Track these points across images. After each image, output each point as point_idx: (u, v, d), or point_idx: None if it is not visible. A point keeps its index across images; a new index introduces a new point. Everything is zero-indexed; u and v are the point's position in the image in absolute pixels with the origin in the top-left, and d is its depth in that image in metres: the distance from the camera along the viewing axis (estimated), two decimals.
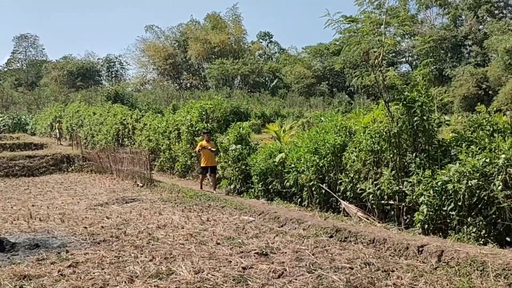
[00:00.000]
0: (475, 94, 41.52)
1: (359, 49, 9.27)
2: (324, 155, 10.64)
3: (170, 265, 6.59)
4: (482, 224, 7.06)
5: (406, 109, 8.81)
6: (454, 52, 54.09)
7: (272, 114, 40.41)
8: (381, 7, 9.17)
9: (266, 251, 7.20)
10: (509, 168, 6.77)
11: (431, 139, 8.87)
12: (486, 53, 49.55)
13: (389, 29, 11.25)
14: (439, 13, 61.64)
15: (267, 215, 9.94)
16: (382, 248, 7.21)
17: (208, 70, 69.19)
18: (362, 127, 10.01)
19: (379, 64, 9.21)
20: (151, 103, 43.56)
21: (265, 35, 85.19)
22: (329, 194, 10.54)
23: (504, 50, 36.08)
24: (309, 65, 68.64)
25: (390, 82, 9.53)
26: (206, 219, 9.99)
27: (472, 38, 53.17)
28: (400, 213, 8.81)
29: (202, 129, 15.90)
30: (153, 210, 11.33)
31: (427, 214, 7.82)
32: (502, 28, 44.21)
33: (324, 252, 7.11)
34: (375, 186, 9.19)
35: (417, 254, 6.67)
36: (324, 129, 11.38)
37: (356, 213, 9.50)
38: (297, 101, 56.79)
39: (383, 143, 9.22)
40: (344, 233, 7.99)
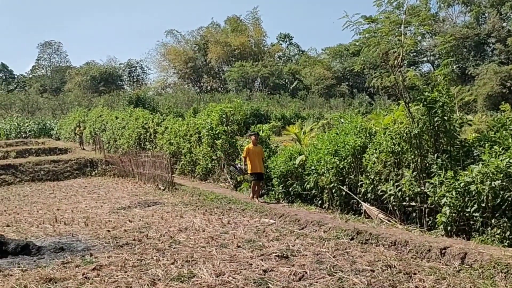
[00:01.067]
0: (499, 93, 40.79)
1: (378, 50, 9.22)
2: (344, 156, 10.59)
3: (191, 268, 6.65)
4: (507, 226, 6.95)
5: (426, 110, 8.71)
6: (477, 51, 53.25)
7: (292, 116, 40.38)
8: (400, 6, 9.09)
9: (287, 253, 7.21)
10: None
11: (453, 139, 8.75)
12: (510, 51, 48.60)
13: (410, 29, 11.14)
14: (461, 11, 60.92)
15: (287, 218, 9.94)
16: (404, 250, 7.15)
17: (228, 73, 69.47)
18: (382, 128, 9.93)
19: (398, 64, 9.13)
20: (172, 106, 43.92)
21: (285, 37, 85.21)
22: (349, 196, 10.48)
23: None
24: (328, 66, 68.43)
25: (410, 83, 9.45)
26: (227, 222, 10.04)
27: (496, 35, 52.27)
28: (422, 214, 8.71)
29: (250, 133, 13.94)
30: (174, 213, 11.44)
31: (449, 216, 7.72)
32: None
33: (345, 255, 7.08)
34: (396, 188, 9.11)
35: (440, 257, 6.60)
36: (344, 131, 11.33)
37: (377, 215, 9.43)
38: (317, 102, 56.64)
39: (403, 144, 9.14)
40: (365, 235, 7.95)
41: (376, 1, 9.25)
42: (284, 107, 49.58)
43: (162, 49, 77.47)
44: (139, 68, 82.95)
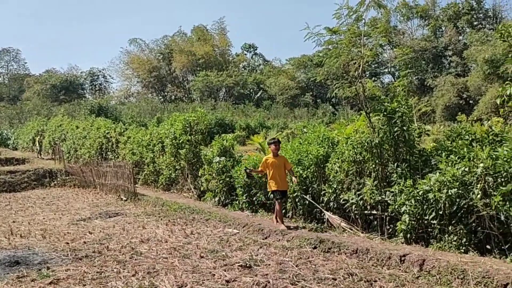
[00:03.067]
0: (456, 104, 42.19)
1: (340, 61, 9.38)
2: (307, 166, 10.68)
3: (153, 279, 6.54)
4: (463, 233, 7.14)
5: (387, 120, 8.91)
6: (435, 63, 54.96)
7: (257, 125, 40.55)
8: (360, 19, 9.30)
9: (250, 263, 7.19)
10: (488, 177, 6.87)
11: (412, 149, 8.97)
12: (466, 63, 50.42)
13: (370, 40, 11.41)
14: (420, 24, 62.76)
15: (251, 227, 9.93)
16: (365, 258, 7.24)
17: (192, 82, 69.22)
18: (344, 138, 10.07)
19: (359, 75, 9.32)
20: (135, 116, 43.39)
21: (250, 47, 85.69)
22: (312, 205, 10.56)
23: (483, 60, 36.76)
24: (293, 77, 69.18)
25: (370, 93, 9.65)
26: (190, 232, 9.94)
27: (452, 48, 54.12)
28: (383, 222, 8.86)
29: (269, 140, 11.11)
30: (136, 224, 11.24)
31: (409, 224, 7.88)
32: (481, 38, 45.06)
33: (308, 264, 7.12)
34: (358, 197, 9.24)
35: (400, 264, 6.72)
36: (307, 140, 11.44)
37: (339, 223, 9.54)
38: (282, 112, 57.09)
39: (365, 153, 9.30)
40: (328, 244, 8.01)
41: (335, 14, 9.41)
42: (248, 116, 49.75)
43: (126, 57, 76.56)
44: (102, 76, 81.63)
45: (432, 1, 60.42)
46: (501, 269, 5.73)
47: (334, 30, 9.54)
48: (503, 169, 6.74)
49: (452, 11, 56.61)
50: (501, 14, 55.74)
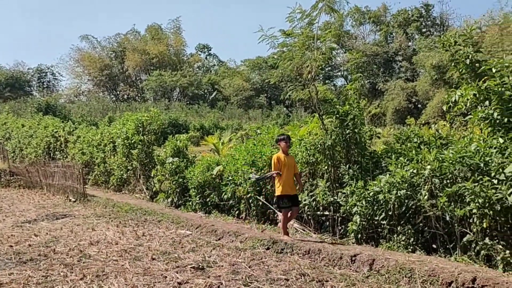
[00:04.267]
0: (406, 108, 43.52)
1: (293, 64, 9.47)
2: (261, 167, 10.71)
3: (102, 283, 6.35)
4: (411, 232, 7.36)
5: (339, 122, 9.07)
6: (386, 67, 56.53)
7: (211, 126, 40.38)
8: (313, 22, 9.42)
9: (203, 265, 7.12)
10: (434, 179, 7.11)
11: (363, 151, 9.18)
12: (415, 69, 52.11)
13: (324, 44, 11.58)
14: (372, 29, 64.29)
15: (204, 229, 9.85)
16: (317, 258, 7.33)
17: (146, 81, 68.00)
18: (298, 140, 10.18)
19: (312, 78, 9.44)
20: (86, 115, 42.19)
21: (204, 48, 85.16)
22: (266, 206, 10.60)
23: (431, 66, 38.10)
24: (247, 78, 69.26)
25: (323, 96, 9.79)
26: (142, 234, 9.75)
27: (402, 54, 55.84)
28: (335, 223, 9.01)
29: (279, 136, 9.20)
30: (85, 226, 10.91)
31: (360, 224, 8.05)
32: (429, 45, 46.70)
33: (261, 265, 7.12)
34: (311, 198, 9.36)
35: (350, 264, 6.83)
36: (261, 142, 11.48)
37: (292, 224, 9.62)
38: (236, 113, 57.03)
39: (318, 155, 9.43)
40: (281, 244, 8.05)
41: (288, 17, 9.49)
42: (203, 117, 49.43)
43: (76, 54, 74.26)
44: (50, 74, 78.80)
45: (384, 8, 62.09)
46: (446, 267, 5.92)
47: (287, 32, 9.62)
48: (448, 171, 6.99)
49: (402, 18, 58.40)
50: (447, 22, 57.99)
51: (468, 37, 8.01)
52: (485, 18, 32.81)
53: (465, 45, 7.94)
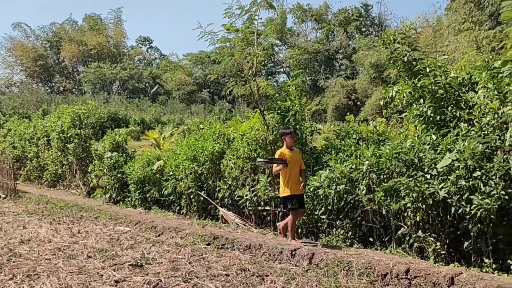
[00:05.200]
0: (346, 105, 44.62)
1: (233, 60, 9.44)
2: (202, 162, 10.61)
3: (33, 283, 6.04)
4: (349, 226, 7.54)
5: (280, 118, 9.12)
6: (327, 65, 57.77)
7: (152, 121, 39.61)
8: (252, 19, 9.42)
9: (141, 262, 6.94)
10: (372, 174, 7.30)
11: (304, 146, 9.29)
12: (354, 67, 53.59)
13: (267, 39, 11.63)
14: (313, 27, 65.41)
15: (143, 225, 9.64)
16: (258, 253, 7.35)
17: (83, 73, 65.65)
18: (240, 135, 10.16)
19: (253, 74, 9.45)
20: (18, 107, 40.11)
21: (145, 40, 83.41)
22: (207, 202, 10.53)
23: (369, 64, 39.28)
24: (190, 72, 68.59)
25: (264, 92, 9.82)
26: (77, 231, 9.39)
27: (343, 52, 57.27)
28: (276, 218, 9.07)
29: (283, 130, 8.19)
30: (16, 223, 10.37)
31: (300, 219, 8.14)
32: (368, 44, 48.14)
33: (201, 260, 7.05)
34: (252, 193, 9.36)
35: (291, 258, 6.90)
36: (203, 137, 11.37)
37: (234, 219, 9.60)
38: (178, 108, 56.28)
39: (259, 150, 9.44)
40: (222, 240, 8.02)
41: (226, 13, 9.45)
42: (143, 111, 48.36)
43: (8, 43, 70.44)
44: None
45: (325, 6, 63.34)
46: (382, 260, 6.11)
47: (226, 28, 9.58)
48: (385, 166, 7.20)
49: (343, 17, 59.85)
50: (385, 22, 60.05)
51: (406, 36, 8.29)
52: (420, 20, 34.20)
53: (403, 44, 8.22)
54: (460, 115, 7.11)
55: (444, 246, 6.40)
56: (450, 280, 5.18)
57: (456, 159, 6.30)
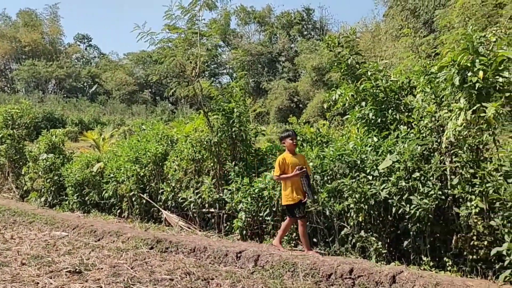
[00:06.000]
0: (288, 107, 45.20)
1: (176, 60, 9.32)
2: (145, 164, 10.38)
3: None
4: (293, 228, 7.58)
5: (225, 119, 9.07)
6: (270, 67, 58.30)
7: (91, 121, 38.41)
8: (194, 19, 9.34)
9: (80, 268, 6.65)
10: (316, 175, 7.39)
11: (249, 148, 9.29)
12: (297, 69, 54.40)
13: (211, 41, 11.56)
14: (257, 29, 65.84)
15: (82, 229, 9.26)
16: (203, 256, 7.24)
17: (16, 71, 62.56)
18: (184, 136, 10.03)
19: (196, 74, 9.35)
20: None
21: (84, 38, 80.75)
22: (150, 204, 10.30)
23: (311, 67, 40.02)
24: (131, 72, 67.09)
25: (208, 93, 9.75)
26: (10, 237, 8.88)
27: (285, 55, 58.04)
28: (221, 220, 9.00)
29: (281, 133, 7.52)
30: None
31: (245, 221, 8.12)
32: (310, 47, 49.04)
33: (144, 265, 6.85)
34: (197, 195, 9.25)
35: (236, 260, 6.85)
36: (146, 138, 11.13)
37: (177, 222, 9.44)
38: (119, 108, 54.88)
39: (204, 152, 9.35)
40: (165, 243, 7.84)
41: (166, 14, 9.31)
42: (82, 111, 46.78)
43: None
44: None
45: (268, 9, 63.98)
46: (326, 260, 6.19)
47: (165, 28, 9.45)
48: (329, 167, 7.31)
49: (285, 20, 60.68)
50: (327, 26, 61.46)
51: (350, 40, 8.48)
52: (359, 25, 35.24)
53: (347, 47, 8.39)
54: (400, 118, 7.35)
55: (385, 246, 6.58)
56: (392, 279, 5.32)
57: (397, 160, 6.50)
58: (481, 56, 5.81)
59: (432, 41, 13.88)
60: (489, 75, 5.73)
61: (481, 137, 6.02)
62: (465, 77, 5.83)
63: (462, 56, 5.80)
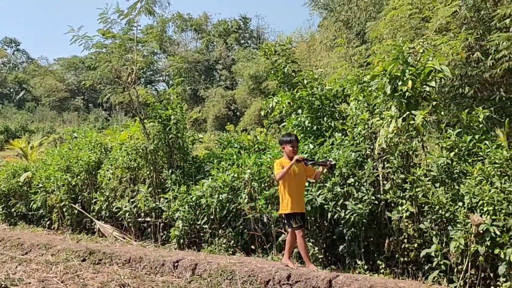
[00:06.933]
0: (225, 115, 45.19)
1: (110, 66, 9.09)
2: (77, 173, 10.01)
3: None
4: (231, 235, 7.56)
5: (162, 126, 8.92)
6: (207, 75, 58.11)
7: (18, 129, 36.61)
8: (131, 24, 9.16)
9: (6, 283, 6.26)
10: (254, 182, 7.42)
11: (186, 155, 9.20)
12: (234, 78, 54.59)
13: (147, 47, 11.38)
14: (193, 37, 65.49)
15: (8, 242, 8.75)
16: (139, 267, 7.03)
17: None
18: (118, 144, 9.76)
19: (132, 81, 9.15)
20: None
21: (11, 42, 76.92)
22: (83, 215, 9.92)
23: (248, 75, 40.26)
24: (62, 78, 64.55)
25: (144, 100, 9.57)
26: None
27: (222, 63, 58.10)
28: (157, 229, 8.80)
29: (283, 137, 6.63)
30: None
31: (182, 229, 7.99)
32: (247, 56, 49.39)
33: (75, 278, 6.55)
34: (132, 204, 9.02)
35: (173, 270, 6.71)
36: (78, 146, 10.74)
37: (111, 233, 9.15)
38: (48, 115, 52.63)
39: (140, 160, 9.15)
40: (99, 255, 7.55)
41: (101, 18, 9.07)
42: (8, 119, 44.44)
43: None
44: None
45: (205, 16, 63.84)
46: (264, 267, 6.19)
47: (100, 32, 9.20)
48: (266, 174, 7.37)
49: (222, 28, 60.79)
50: (263, 35, 62.18)
51: (287, 48, 8.63)
52: (295, 35, 35.91)
53: (283, 55, 8.53)
54: (335, 125, 7.55)
55: (321, 251, 6.70)
56: (328, 283, 5.41)
57: None
58: (411, 66, 6.09)
59: (364, 52, 14.41)
60: (418, 84, 6.02)
61: (411, 144, 6.29)
62: (396, 86, 6.09)
63: (393, 66, 6.05)
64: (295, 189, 6.28)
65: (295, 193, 6.26)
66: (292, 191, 6.26)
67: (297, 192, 6.30)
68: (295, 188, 6.29)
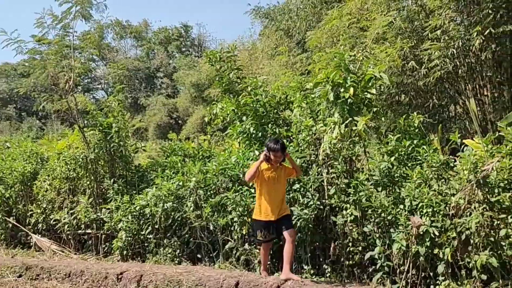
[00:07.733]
0: (167, 123, 44.57)
1: (46, 73, 8.75)
2: (11, 184, 9.52)
3: None
4: (177, 244, 7.43)
5: (102, 135, 8.66)
6: (148, 83, 57.15)
7: None
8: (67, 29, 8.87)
9: None
10: (199, 190, 7.34)
11: (129, 164, 8.98)
12: (175, 86, 54.01)
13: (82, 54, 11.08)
14: (133, 44, 64.29)
15: None
16: (79, 281, 6.77)
17: None
18: (56, 154, 9.38)
19: (70, 88, 8.85)
20: None
21: None
22: (18, 228, 9.44)
23: (190, 83, 39.97)
24: None
25: (83, 107, 9.27)
26: None
27: (164, 71, 57.34)
28: (99, 241, 8.51)
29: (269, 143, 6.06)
30: None
31: (125, 240, 7.76)
32: (188, 64, 49.05)
33: None
34: (71, 216, 8.68)
35: (117, 282, 6.50)
36: (11, 156, 10.22)
37: (49, 246, 8.75)
38: None
39: (79, 169, 8.85)
40: (36, 270, 7.20)
41: (38, 22, 8.75)
42: None
43: None
44: None
45: (145, 24, 62.88)
46: (212, 275, 6.13)
47: (36, 39, 8.86)
48: (212, 182, 7.32)
49: (163, 36, 60.11)
50: (205, 44, 62.04)
51: (232, 55, 8.64)
52: (237, 43, 36.11)
53: (228, 61, 8.53)
54: (279, 132, 7.61)
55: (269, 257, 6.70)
56: None
57: None
58: (352, 73, 6.27)
59: (305, 60, 14.67)
60: (359, 91, 6.20)
61: (354, 149, 6.47)
62: (338, 93, 6.24)
63: (335, 74, 6.21)
64: (270, 195, 5.96)
65: (268, 199, 5.96)
66: (265, 197, 5.98)
67: (272, 198, 5.96)
68: (272, 194, 5.97)
